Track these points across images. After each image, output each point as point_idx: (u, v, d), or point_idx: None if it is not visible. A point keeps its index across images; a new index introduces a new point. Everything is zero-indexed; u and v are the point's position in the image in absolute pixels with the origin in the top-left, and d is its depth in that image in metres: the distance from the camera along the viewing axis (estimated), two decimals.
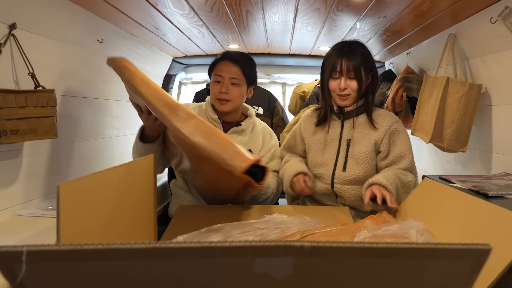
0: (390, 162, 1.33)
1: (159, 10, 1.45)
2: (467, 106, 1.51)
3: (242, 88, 1.51)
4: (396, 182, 1.20)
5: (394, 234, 0.86)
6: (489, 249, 0.38)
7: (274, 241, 0.38)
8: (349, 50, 1.32)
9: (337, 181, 1.35)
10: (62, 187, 0.57)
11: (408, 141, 1.36)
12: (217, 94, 1.48)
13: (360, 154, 1.33)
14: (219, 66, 1.51)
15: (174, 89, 2.82)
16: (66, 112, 1.49)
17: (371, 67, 1.34)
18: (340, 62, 1.31)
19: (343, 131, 1.38)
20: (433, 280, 0.42)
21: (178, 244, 0.37)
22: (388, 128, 1.34)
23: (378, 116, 1.37)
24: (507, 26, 1.24)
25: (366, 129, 1.36)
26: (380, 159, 1.34)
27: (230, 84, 1.48)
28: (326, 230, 1.06)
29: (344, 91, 1.32)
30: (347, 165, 1.35)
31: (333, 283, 0.43)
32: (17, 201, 1.25)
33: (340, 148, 1.37)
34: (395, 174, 1.24)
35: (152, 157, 0.98)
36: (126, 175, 0.83)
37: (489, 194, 1.10)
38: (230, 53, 1.54)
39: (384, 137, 1.33)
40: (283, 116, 2.37)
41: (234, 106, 1.51)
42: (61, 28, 1.35)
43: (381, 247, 0.38)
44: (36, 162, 1.33)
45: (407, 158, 1.32)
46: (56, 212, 0.57)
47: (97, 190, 0.70)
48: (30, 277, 0.38)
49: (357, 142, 1.36)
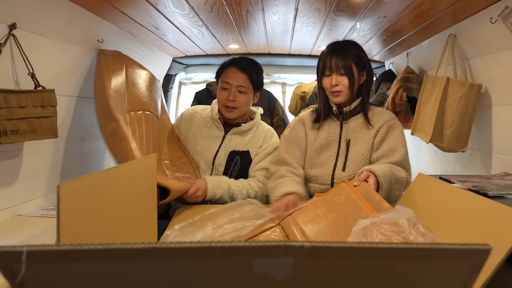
0: (381, 155, 1.31)
1: (159, 10, 1.45)
2: (467, 106, 1.51)
3: (249, 96, 1.53)
4: (391, 177, 1.20)
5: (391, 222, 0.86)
6: (489, 249, 0.38)
7: (274, 241, 0.38)
8: (340, 48, 1.33)
9: (336, 181, 1.35)
10: (62, 187, 0.57)
11: (402, 137, 1.35)
12: (224, 101, 1.51)
13: (359, 153, 1.34)
14: (226, 73, 1.52)
15: (174, 89, 2.83)
16: (66, 112, 1.49)
17: (364, 64, 1.34)
18: (330, 59, 1.32)
19: (342, 131, 1.38)
20: (433, 280, 0.42)
21: (178, 244, 0.37)
22: (384, 123, 1.34)
23: (375, 114, 1.38)
24: (507, 26, 1.24)
25: (363, 129, 1.36)
26: (373, 151, 1.34)
27: (237, 92, 1.50)
28: (302, 206, 1.07)
29: (336, 88, 1.33)
30: (347, 164, 1.35)
31: (333, 283, 0.43)
32: (17, 201, 1.25)
33: (340, 149, 1.37)
34: (390, 169, 1.24)
35: (154, 156, 0.99)
36: (127, 174, 0.83)
37: (489, 194, 1.10)
38: (239, 60, 1.55)
39: (379, 132, 1.33)
40: (283, 116, 2.37)
41: (241, 113, 1.54)
42: (61, 28, 1.35)
43: (381, 247, 0.38)
44: (36, 162, 1.33)
45: (400, 151, 1.30)
46: (56, 212, 0.57)
47: (98, 190, 0.70)
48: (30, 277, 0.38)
49: (356, 141, 1.36)
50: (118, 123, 1.26)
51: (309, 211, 1.05)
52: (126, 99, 1.41)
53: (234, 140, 1.55)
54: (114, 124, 1.26)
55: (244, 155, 1.54)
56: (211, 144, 1.55)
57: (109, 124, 1.28)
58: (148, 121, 1.45)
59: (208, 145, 1.55)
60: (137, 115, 1.42)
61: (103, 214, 0.72)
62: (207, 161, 1.53)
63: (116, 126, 1.26)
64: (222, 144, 1.54)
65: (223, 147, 1.54)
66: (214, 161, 1.52)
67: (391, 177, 1.20)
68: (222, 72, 1.54)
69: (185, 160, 1.55)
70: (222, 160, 1.52)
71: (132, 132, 1.31)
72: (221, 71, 1.55)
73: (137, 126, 1.37)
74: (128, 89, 1.42)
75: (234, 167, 1.53)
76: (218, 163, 1.52)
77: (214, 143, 1.55)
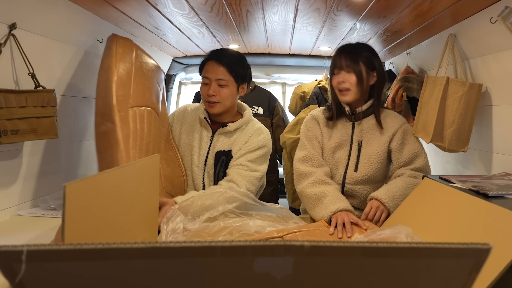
0: (405, 162, 1.36)
1: (159, 10, 1.45)
2: (467, 105, 1.51)
3: (231, 88, 1.47)
4: (404, 196, 1.23)
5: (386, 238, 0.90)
6: (489, 249, 0.38)
7: (274, 240, 0.38)
8: (351, 48, 1.36)
9: (348, 181, 1.37)
10: (68, 186, 0.57)
11: (419, 141, 1.42)
12: (206, 97, 1.47)
13: (373, 154, 1.36)
14: (206, 67, 1.48)
15: (174, 89, 2.83)
16: (66, 112, 1.49)
17: (374, 66, 1.35)
18: (339, 58, 1.36)
19: (354, 132, 1.39)
20: (433, 279, 0.42)
21: (178, 244, 0.37)
22: (399, 127, 1.38)
23: (386, 117, 1.41)
24: (507, 26, 1.24)
25: (376, 130, 1.39)
26: (394, 158, 1.37)
27: (217, 86, 1.45)
28: (309, 230, 1.09)
29: (343, 85, 1.34)
30: (359, 165, 1.36)
31: (333, 282, 0.43)
32: (17, 201, 1.25)
33: (351, 150, 1.39)
34: (405, 186, 1.26)
35: (157, 156, 0.98)
36: (132, 174, 0.83)
37: (489, 194, 1.09)
38: (216, 53, 1.50)
39: (395, 136, 1.37)
40: (283, 116, 2.38)
41: (224, 107, 1.49)
42: (61, 28, 1.35)
43: (381, 246, 0.38)
44: (36, 162, 1.33)
45: (422, 156, 1.37)
46: (62, 211, 0.57)
47: (103, 190, 0.70)
48: (30, 276, 0.38)
49: (368, 143, 1.38)
50: (114, 126, 1.20)
51: (315, 236, 1.06)
52: (131, 94, 1.34)
53: (221, 140, 1.50)
54: (110, 126, 1.21)
55: (228, 155, 1.49)
56: (201, 146, 1.51)
57: (105, 124, 1.22)
58: (150, 119, 1.40)
59: (198, 148, 1.51)
60: (140, 111, 1.35)
61: (107, 214, 0.72)
62: (200, 164, 1.49)
63: (111, 128, 1.20)
64: (211, 145, 1.50)
65: (212, 148, 1.50)
66: (206, 163, 1.49)
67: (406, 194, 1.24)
68: (203, 67, 1.50)
69: (177, 163, 1.52)
70: (212, 162, 1.48)
71: (133, 130, 1.25)
72: (202, 66, 1.51)
73: (139, 124, 1.32)
74: (134, 83, 1.35)
75: (221, 168, 1.48)
76: (209, 165, 1.48)
77: (204, 145, 1.50)
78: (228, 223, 1.05)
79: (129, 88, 1.31)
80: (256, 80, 2.77)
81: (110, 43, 1.32)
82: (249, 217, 1.12)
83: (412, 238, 0.88)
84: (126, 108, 1.26)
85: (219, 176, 1.48)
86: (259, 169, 1.48)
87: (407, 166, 1.36)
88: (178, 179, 1.49)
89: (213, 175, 1.49)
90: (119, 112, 1.22)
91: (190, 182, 1.52)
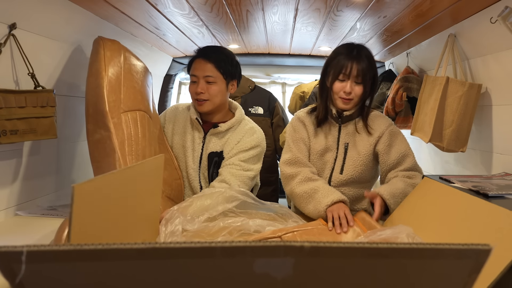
0: (394, 163, 1.34)
1: (159, 10, 1.45)
2: (466, 105, 1.51)
3: (220, 85, 1.45)
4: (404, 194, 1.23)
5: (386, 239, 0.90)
6: (489, 249, 0.38)
7: (274, 241, 0.38)
8: (358, 54, 1.30)
9: (333, 183, 1.36)
10: (76, 188, 0.57)
11: (406, 140, 1.39)
12: (194, 95, 1.45)
13: (358, 157, 1.35)
14: (193, 65, 1.46)
15: (174, 89, 2.82)
16: (66, 112, 1.49)
17: (374, 73, 1.34)
18: (350, 65, 1.28)
19: (341, 135, 1.38)
20: (433, 280, 0.42)
21: (178, 244, 0.37)
22: (385, 129, 1.36)
23: (373, 118, 1.39)
24: (507, 26, 1.24)
25: (363, 132, 1.37)
26: (382, 160, 1.35)
27: (205, 83, 1.43)
28: (308, 229, 1.08)
29: (349, 95, 1.31)
30: (345, 167, 1.36)
31: (333, 283, 0.43)
32: (17, 201, 1.25)
33: (338, 152, 1.38)
34: (405, 187, 1.25)
35: (162, 157, 0.97)
36: (137, 175, 0.83)
37: (489, 194, 1.09)
38: (204, 50, 1.48)
39: (381, 139, 1.35)
40: (283, 116, 2.37)
41: (214, 105, 1.46)
42: (61, 28, 1.35)
43: (381, 247, 0.38)
44: (36, 162, 1.33)
45: (411, 156, 1.35)
46: (69, 212, 0.57)
47: (110, 191, 0.70)
48: (29, 277, 0.38)
49: (354, 145, 1.37)
50: (109, 134, 1.17)
51: (313, 235, 1.06)
52: (122, 98, 1.30)
53: (213, 141, 1.48)
54: (105, 134, 1.17)
55: (220, 156, 1.47)
56: (194, 148, 1.49)
57: (98, 132, 1.18)
58: (143, 122, 1.37)
59: (191, 150, 1.49)
60: (132, 116, 1.32)
61: (113, 215, 0.73)
62: (195, 166, 1.48)
63: (106, 137, 1.17)
64: (203, 147, 1.48)
65: (205, 150, 1.48)
66: (200, 165, 1.48)
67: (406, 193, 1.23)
68: (191, 65, 1.48)
69: (173, 166, 1.50)
70: (206, 163, 1.47)
71: (128, 136, 1.23)
72: (190, 64, 1.49)
73: (132, 129, 1.29)
74: (124, 87, 1.31)
75: (214, 169, 1.47)
76: (203, 167, 1.47)
77: (197, 147, 1.48)
78: (227, 223, 1.05)
79: (119, 93, 1.27)
80: (256, 80, 2.77)
81: (97, 46, 1.28)
82: (248, 216, 1.12)
83: (413, 238, 0.88)
84: (118, 114, 1.23)
85: (213, 177, 1.46)
86: (252, 168, 1.46)
87: (397, 168, 1.34)
88: (176, 182, 1.48)
89: (208, 177, 1.47)
90: (112, 119, 1.18)
91: (186, 184, 1.51)
